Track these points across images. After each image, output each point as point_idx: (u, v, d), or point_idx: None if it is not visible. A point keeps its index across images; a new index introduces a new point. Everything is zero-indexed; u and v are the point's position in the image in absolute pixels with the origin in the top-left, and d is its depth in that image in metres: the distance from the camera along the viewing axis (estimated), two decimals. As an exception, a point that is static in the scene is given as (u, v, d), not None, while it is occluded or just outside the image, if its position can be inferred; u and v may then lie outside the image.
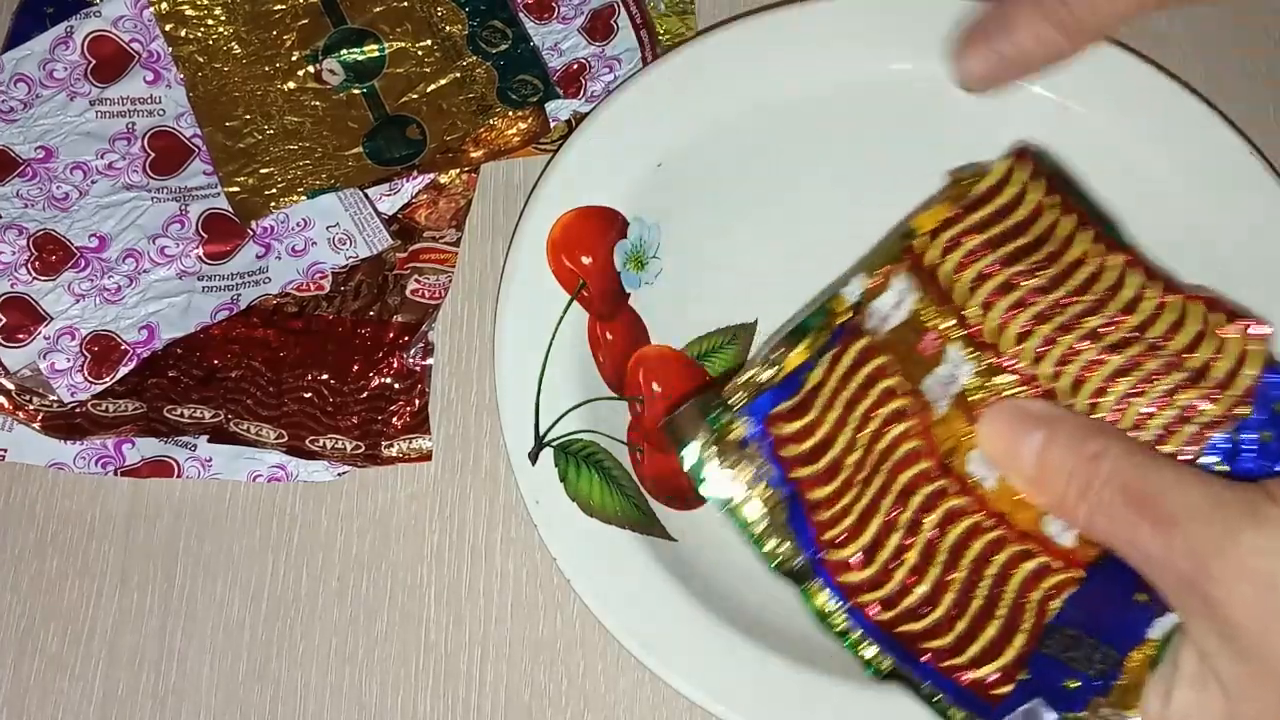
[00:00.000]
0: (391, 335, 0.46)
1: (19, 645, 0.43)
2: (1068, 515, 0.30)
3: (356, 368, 0.46)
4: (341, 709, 0.43)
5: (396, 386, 0.46)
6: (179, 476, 0.45)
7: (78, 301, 0.45)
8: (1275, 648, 0.27)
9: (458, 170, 0.49)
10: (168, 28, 0.49)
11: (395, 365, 0.46)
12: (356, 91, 0.49)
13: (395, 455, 0.45)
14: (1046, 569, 0.31)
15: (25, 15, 0.50)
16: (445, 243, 0.48)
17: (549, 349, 0.41)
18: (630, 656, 0.38)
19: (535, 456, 0.40)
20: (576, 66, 0.50)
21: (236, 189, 0.47)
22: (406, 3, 0.50)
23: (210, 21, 0.49)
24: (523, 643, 0.43)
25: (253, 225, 0.47)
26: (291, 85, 0.49)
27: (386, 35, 0.49)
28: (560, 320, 0.42)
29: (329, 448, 0.45)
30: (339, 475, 0.45)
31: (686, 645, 0.38)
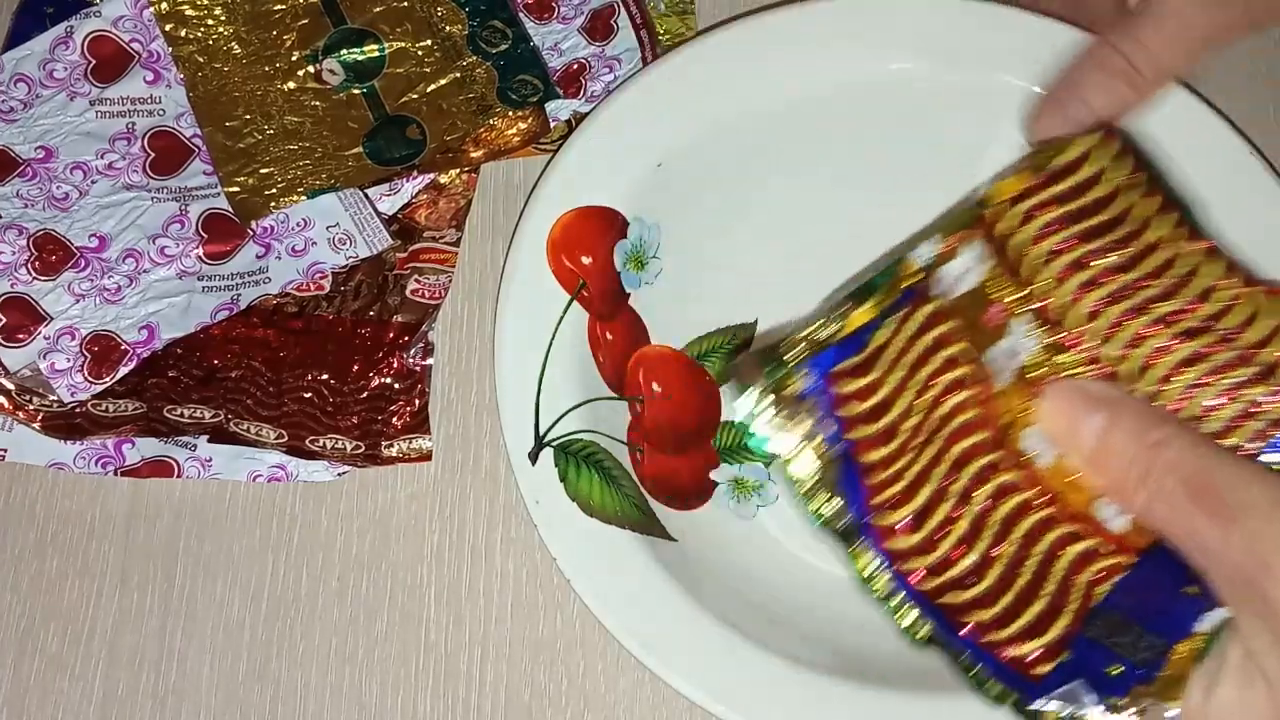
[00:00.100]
0: (391, 335, 0.46)
1: (19, 645, 0.43)
2: (1125, 499, 0.30)
3: (356, 368, 0.46)
4: (341, 709, 0.43)
5: (396, 386, 0.46)
6: (179, 476, 0.45)
7: (78, 301, 0.45)
8: None
9: (458, 170, 0.49)
10: (168, 28, 0.49)
11: (395, 365, 0.46)
12: (356, 91, 0.49)
13: (395, 455, 0.45)
14: (1095, 552, 0.31)
15: (25, 15, 0.50)
16: (445, 243, 0.48)
17: (549, 349, 0.41)
18: (630, 656, 0.38)
19: (535, 456, 0.40)
20: (576, 66, 0.50)
21: (236, 189, 0.47)
22: (406, 3, 0.50)
23: (210, 21, 0.49)
24: (523, 643, 0.43)
25: (253, 225, 0.47)
26: (291, 85, 0.49)
27: (386, 35, 0.49)
28: (560, 320, 0.42)
29: (329, 448, 0.45)
30: (339, 475, 0.45)
31: (686, 645, 0.38)
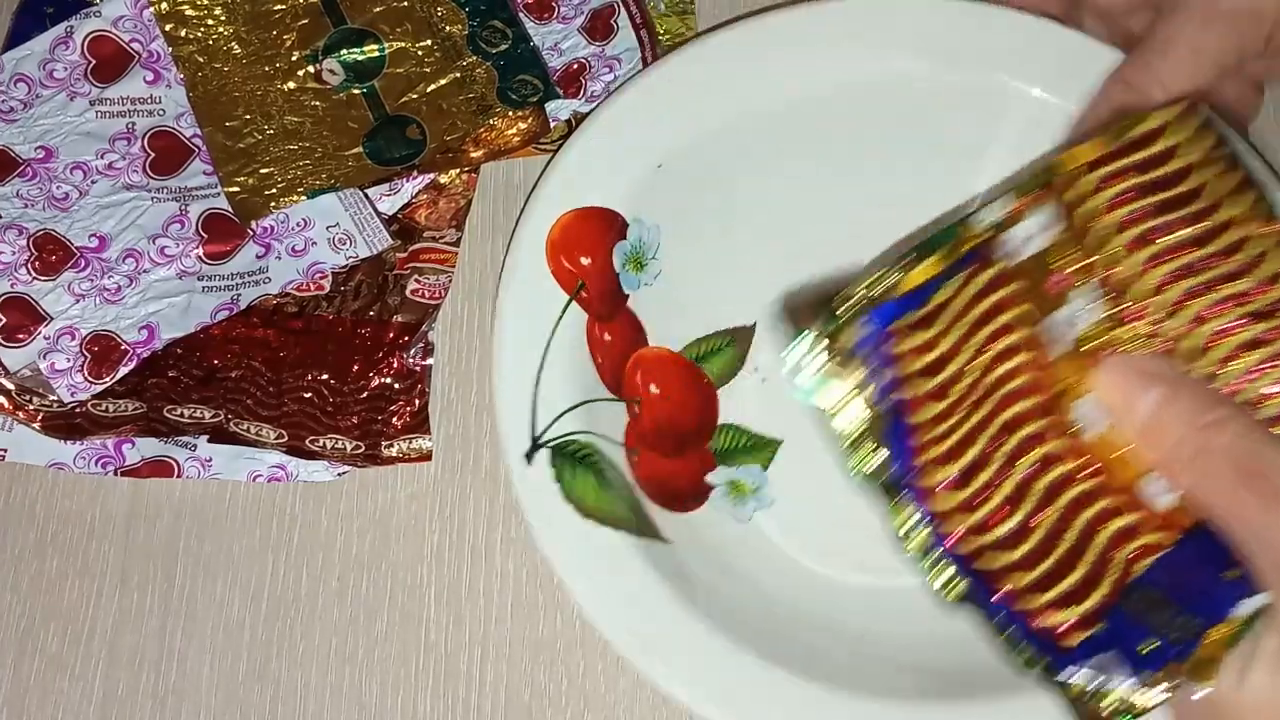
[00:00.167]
0: (391, 335, 0.46)
1: (19, 645, 0.43)
2: (1174, 476, 0.30)
3: (356, 368, 0.46)
4: (341, 709, 0.43)
5: (396, 386, 0.46)
6: (179, 476, 0.45)
7: (78, 301, 0.45)
8: None
9: (458, 170, 0.49)
10: (168, 28, 0.49)
11: (395, 365, 0.46)
12: (356, 91, 0.49)
13: (395, 455, 0.45)
14: (1136, 529, 0.31)
15: (25, 15, 0.50)
16: (445, 243, 0.48)
17: (547, 349, 0.41)
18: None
19: (531, 457, 0.40)
20: (576, 66, 0.49)
21: (236, 189, 0.47)
22: (406, 3, 0.50)
23: (210, 21, 0.49)
24: (523, 643, 0.43)
25: (253, 225, 0.47)
26: (291, 85, 0.49)
27: (386, 35, 0.49)
28: (559, 321, 0.42)
29: (329, 448, 0.45)
30: (339, 475, 0.45)
31: (682, 649, 0.38)
